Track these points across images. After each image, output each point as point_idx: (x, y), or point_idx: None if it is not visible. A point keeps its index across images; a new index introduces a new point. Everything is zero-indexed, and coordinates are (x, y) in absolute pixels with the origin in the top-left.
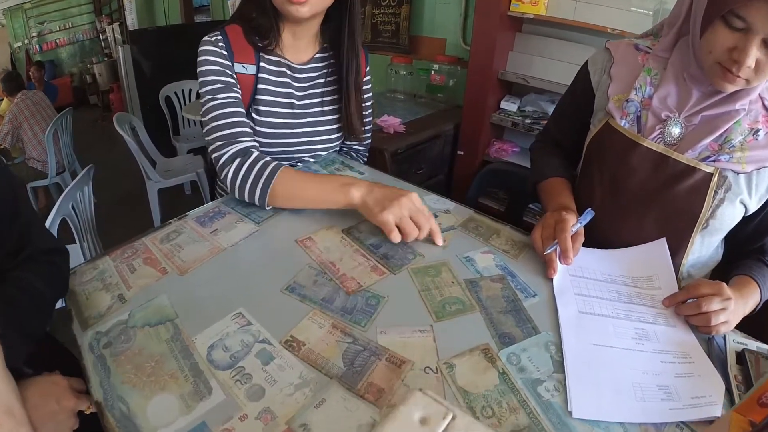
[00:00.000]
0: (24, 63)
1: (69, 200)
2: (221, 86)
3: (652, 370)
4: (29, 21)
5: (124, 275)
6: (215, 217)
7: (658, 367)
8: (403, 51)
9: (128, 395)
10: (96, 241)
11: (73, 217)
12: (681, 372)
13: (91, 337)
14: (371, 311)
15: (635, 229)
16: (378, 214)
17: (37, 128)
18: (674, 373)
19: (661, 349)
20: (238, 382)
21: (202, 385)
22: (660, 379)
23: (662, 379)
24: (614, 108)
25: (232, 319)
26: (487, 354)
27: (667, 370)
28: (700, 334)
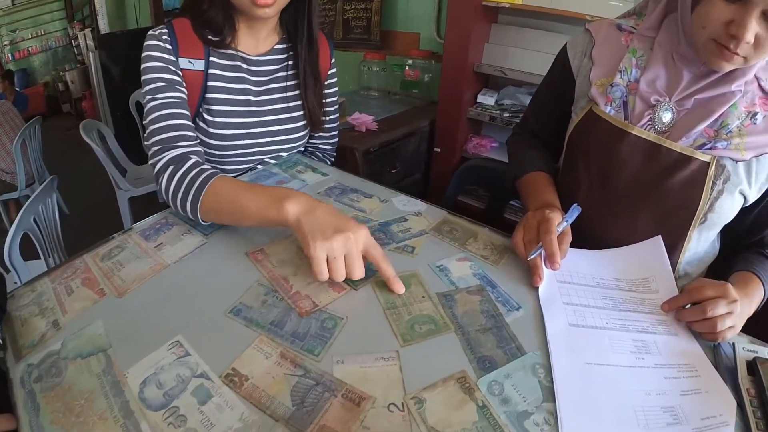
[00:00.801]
0: None
1: (30, 214)
2: (162, 84)
3: (656, 389)
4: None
5: (60, 298)
6: (162, 229)
7: (662, 385)
8: (376, 47)
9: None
10: (63, 256)
11: (36, 231)
12: (687, 389)
13: (23, 369)
14: (327, 336)
15: (627, 226)
16: (311, 244)
17: (5, 138)
18: (680, 390)
19: (663, 363)
20: (171, 425)
21: (132, 429)
22: (664, 400)
23: (667, 399)
24: (597, 94)
25: (168, 348)
26: (464, 384)
27: (672, 388)
28: (704, 342)
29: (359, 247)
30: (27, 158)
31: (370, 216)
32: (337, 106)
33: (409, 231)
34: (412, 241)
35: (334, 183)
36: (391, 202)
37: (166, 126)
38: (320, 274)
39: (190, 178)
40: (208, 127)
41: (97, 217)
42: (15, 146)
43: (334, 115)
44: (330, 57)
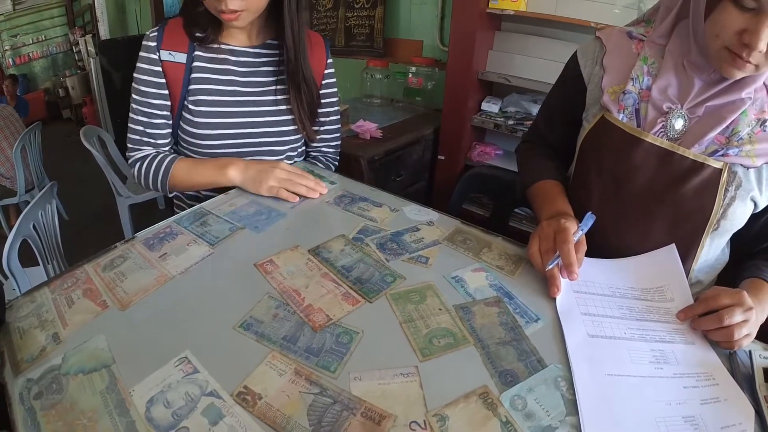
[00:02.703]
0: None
1: (29, 220)
2: (141, 79)
3: (676, 399)
4: (2, 34)
5: (61, 310)
6: (166, 238)
7: (682, 395)
8: (379, 54)
9: None
10: (62, 263)
11: (35, 238)
12: (706, 398)
13: (22, 385)
14: (343, 351)
15: (640, 234)
16: (260, 189)
17: (5, 144)
18: (699, 399)
19: (682, 373)
20: None
21: None
22: (685, 409)
23: (687, 408)
24: (610, 101)
25: (176, 365)
26: (486, 399)
27: (692, 397)
28: (719, 350)
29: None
30: (27, 164)
31: (381, 225)
32: (338, 108)
33: (422, 241)
34: (425, 251)
35: (342, 191)
36: (402, 212)
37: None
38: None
39: (153, 169)
40: (193, 116)
41: (97, 223)
42: (15, 152)
43: (335, 116)
44: (326, 58)
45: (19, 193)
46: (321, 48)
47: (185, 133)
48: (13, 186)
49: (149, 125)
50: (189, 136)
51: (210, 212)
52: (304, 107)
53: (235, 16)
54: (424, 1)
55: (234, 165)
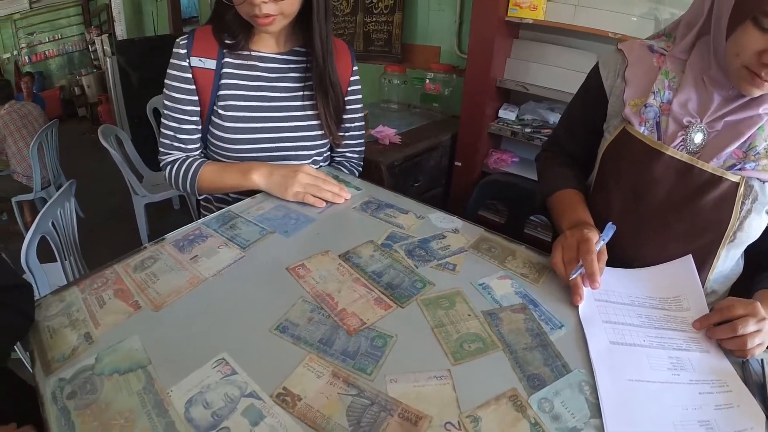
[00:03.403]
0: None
1: (48, 217)
2: (172, 86)
3: (692, 404)
4: (18, 32)
5: (92, 310)
6: (196, 240)
7: (697, 400)
8: (396, 60)
9: None
10: (79, 260)
11: (53, 234)
12: (720, 403)
13: (54, 384)
14: (378, 355)
15: (658, 244)
16: (286, 194)
17: (22, 143)
18: (714, 404)
19: (698, 379)
20: None
21: None
22: (700, 414)
23: (702, 413)
24: (632, 113)
25: (213, 366)
26: (516, 401)
27: (707, 402)
28: (732, 358)
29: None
30: (43, 162)
31: (408, 232)
32: (362, 114)
33: (449, 248)
34: (452, 258)
35: (368, 198)
36: (427, 219)
37: (171, 126)
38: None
39: (183, 173)
40: (222, 121)
41: (111, 221)
42: (32, 149)
43: (359, 122)
44: (351, 65)
45: (35, 189)
46: (346, 55)
47: (215, 137)
48: (30, 183)
49: (180, 130)
50: (218, 141)
51: (239, 215)
52: (331, 112)
53: (269, 21)
54: (442, 7)
55: (259, 169)
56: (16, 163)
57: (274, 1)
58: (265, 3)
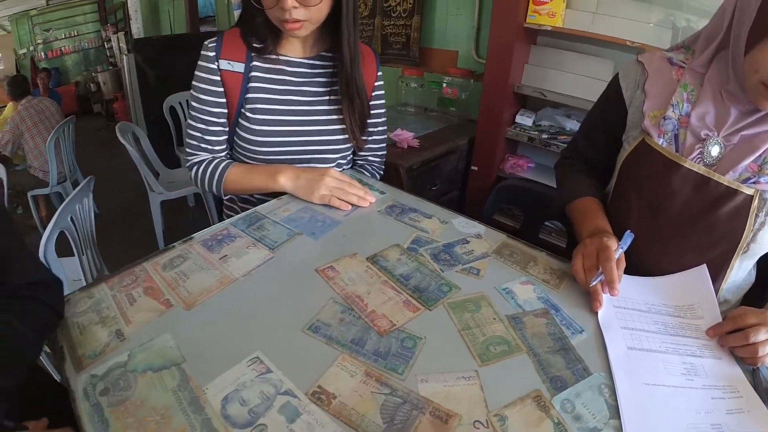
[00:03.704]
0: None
1: (67, 213)
2: (200, 88)
3: (704, 408)
4: (35, 28)
5: (122, 307)
6: (224, 240)
7: (710, 405)
8: (414, 63)
9: None
10: (96, 255)
11: (72, 230)
12: (731, 408)
13: (86, 381)
14: (408, 355)
15: (675, 254)
16: (312, 197)
17: (39, 138)
18: (725, 409)
19: (710, 385)
20: None
21: None
22: (712, 417)
23: (714, 417)
24: (651, 125)
25: (248, 365)
26: (540, 402)
27: (719, 407)
28: (743, 365)
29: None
30: (60, 157)
31: (433, 237)
32: (385, 119)
33: (473, 253)
34: (476, 263)
35: (392, 201)
36: (451, 224)
37: (198, 127)
38: (339, 206)
39: (209, 174)
40: (250, 124)
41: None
42: (48, 144)
43: (382, 127)
44: (376, 70)
45: (51, 184)
46: (372, 60)
47: (241, 139)
48: (46, 178)
49: (207, 132)
50: (245, 142)
51: (265, 216)
52: (356, 118)
53: (298, 26)
54: (460, 12)
55: (285, 172)
56: (33, 157)
57: (303, 6)
58: (295, 8)
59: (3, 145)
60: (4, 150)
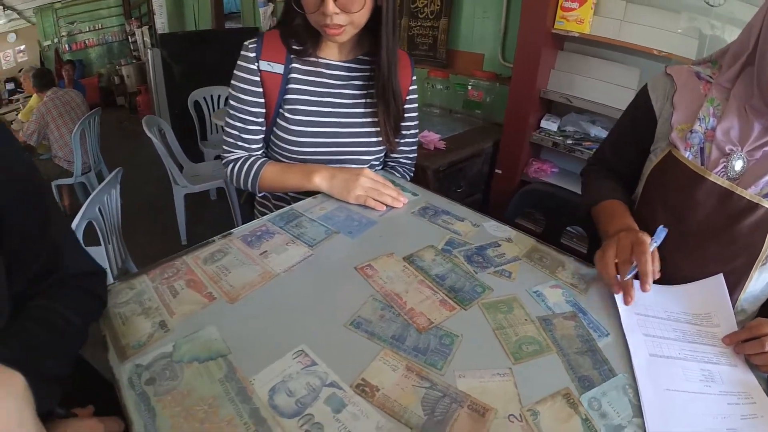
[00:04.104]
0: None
1: (96, 203)
2: (240, 87)
3: (721, 413)
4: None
5: (165, 299)
6: (263, 236)
7: (725, 410)
8: (440, 65)
9: None
10: (121, 245)
11: (99, 220)
12: (746, 413)
13: (131, 370)
14: (446, 352)
15: (696, 263)
16: (348, 197)
17: (64, 129)
18: (740, 414)
19: (726, 391)
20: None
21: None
22: (728, 422)
23: (730, 421)
24: (678, 138)
25: (293, 357)
26: (569, 399)
27: (734, 413)
28: (758, 373)
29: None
30: (85, 148)
31: (465, 239)
32: (417, 123)
33: (504, 256)
34: (508, 266)
35: (425, 203)
36: (482, 227)
37: (235, 125)
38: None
39: (245, 172)
40: (288, 124)
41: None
42: (74, 135)
43: (414, 130)
44: (411, 75)
45: (76, 174)
46: (407, 65)
47: (278, 138)
48: (70, 168)
49: (244, 131)
50: (281, 142)
51: (302, 214)
52: (390, 121)
53: (339, 32)
54: (487, 15)
55: (320, 172)
56: (58, 148)
57: (345, 12)
58: (336, 14)
59: (29, 134)
60: (30, 140)
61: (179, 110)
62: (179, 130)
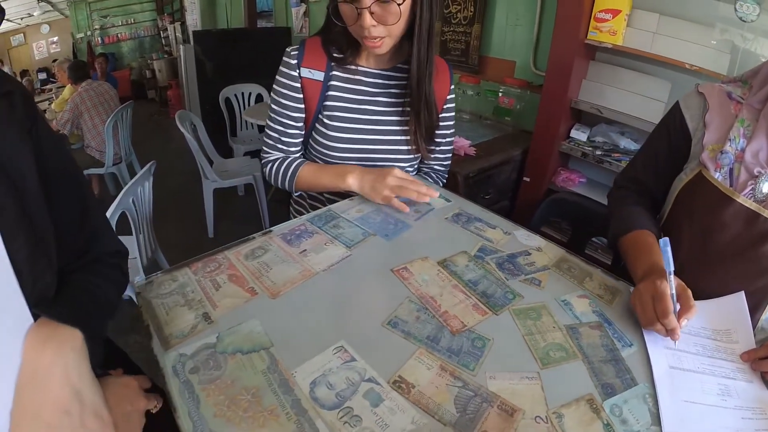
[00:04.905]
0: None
1: (130, 195)
2: (281, 92)
3: (735, 426)
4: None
5: (207, 292)
6: (302, 236)
7: (740, 424)
8: (472, 71)
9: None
10: (151, 235)
11: (132, 211)
12: (760, 428)
13: (175, 359)
14: (478, 354)
15: (720, 281)
16: (376, 198)
17: (98, 119)
18: (754, 429)
19: (741, 406)
20: (347, 425)
21: (307, 426)
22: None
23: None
24: (708, 158)
25: (333, 353)
26: (592, 405)
27: (748, 427)
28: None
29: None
30: (116, 139)
31: (497, 246)
32: (453, 131)
33: (534, 265)
34: (537, 274)
35: (458, 210)
36: (513, 235)
37: (275, 128)
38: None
39: (282, 172)
40: (326, 129)
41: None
42: (107, 126)
43: (450, 138)
44: (449, 84)
45: (107, 164)
46: (445, 74)
47: (316, 142)
48: (102, 158)
49: (284, 134)
50: (319, 146)
51: (340, 215)
52: (422, 131)
53: (378, 44)
54: (520, 23)
55: (352, 173)
56: (90, 138)
57: (382, 24)
58: (374, 26)
59: (62, 124)
60: (63, 129)
61: (210, 106)
62: (209, 125)
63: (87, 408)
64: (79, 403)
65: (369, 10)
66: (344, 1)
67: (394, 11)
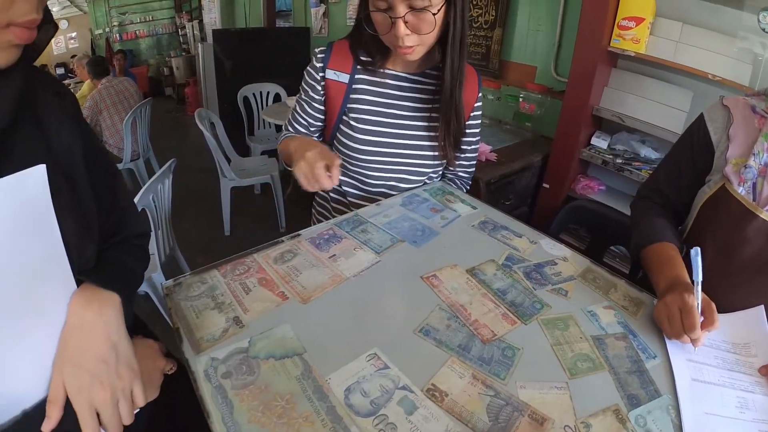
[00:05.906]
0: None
1: (150, 192)
2: (306, 91)
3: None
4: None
5: (237, 295)
6: (331, 240)
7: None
8: (493, 75)
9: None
10: (170, 231)
11: (152, 207)
12: None
13: (206, 363)
14: (509, 363)
15: (742, 295)
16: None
17: (117, 116)
18: None
19: (759, 419)
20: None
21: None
22: None
23: None
24: (732, 172)
25: (367, 360)
26: (618, 415)
27: None
28: None
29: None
30: (135, 136)
31: (524, 255)
32: (479, 138)
33: (560, 275)
34: (564, 284)
35: (484, 217)
36: (539, 245)
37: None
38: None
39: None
40: (351, 131)
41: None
42: (126, 123)
43: (475, 146)
44: (477, 92)
45: (125, 161)
46: (474, 81)
47: (340, 143)
48: (120, 154)
49: (303, 126)
50: (343, 147)
51: (367, 220)
52: (450, 139)
53: (411, 51)
54: (541, 28)
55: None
56: (109, 134)
57: (416, 33)
58: (407, 35)
59: None
60: None
61: (228, 104)
62: (227, 123)
63: (122, 359)
64: (115, 354)
65: (403, 19)
66: (377, 9)
67: (428, 20)
